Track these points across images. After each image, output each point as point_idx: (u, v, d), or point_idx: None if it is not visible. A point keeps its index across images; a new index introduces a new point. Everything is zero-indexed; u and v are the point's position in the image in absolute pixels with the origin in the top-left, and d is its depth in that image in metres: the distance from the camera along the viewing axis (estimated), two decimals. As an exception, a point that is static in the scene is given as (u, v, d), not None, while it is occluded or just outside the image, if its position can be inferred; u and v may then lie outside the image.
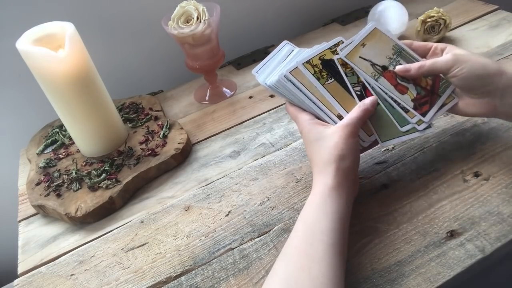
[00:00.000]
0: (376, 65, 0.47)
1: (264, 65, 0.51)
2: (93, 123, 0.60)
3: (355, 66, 0.47)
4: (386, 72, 0.47)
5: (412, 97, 0.47)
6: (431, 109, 0.47)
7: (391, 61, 0.48)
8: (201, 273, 0.46)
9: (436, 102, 0.47)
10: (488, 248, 0.42)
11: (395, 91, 0.47)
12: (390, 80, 0.47)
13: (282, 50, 0.52)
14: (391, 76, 0.47)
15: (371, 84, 0.47)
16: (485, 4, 0.84)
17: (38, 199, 0.57)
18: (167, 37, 0.67)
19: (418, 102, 0.47)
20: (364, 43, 0.48)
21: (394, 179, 0.52)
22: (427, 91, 0.47)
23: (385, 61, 0.48)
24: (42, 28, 0.55)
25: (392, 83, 0.47)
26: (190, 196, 0.56)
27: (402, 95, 0.47)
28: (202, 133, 0.68)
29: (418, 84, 0.47)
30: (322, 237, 0.39)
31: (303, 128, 0.46)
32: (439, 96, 0.47)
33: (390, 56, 0.48)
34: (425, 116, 0.46)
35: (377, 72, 0.47)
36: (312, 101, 0.46)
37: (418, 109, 0.46)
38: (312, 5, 0.94)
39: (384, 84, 0.47)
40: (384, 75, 0.47)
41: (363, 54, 0.48)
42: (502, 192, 0.47)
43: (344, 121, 0.44)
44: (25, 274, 0.51)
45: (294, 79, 0.46)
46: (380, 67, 0.47)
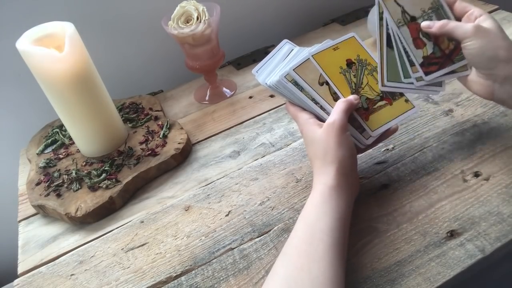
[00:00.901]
0: (407, 13, 0.47)
1: (264, 64, 0.51)
2: (93, 123, 0.60)
3: (384, 7, 0.46)
4: (412, 23, 0.47)
5: (425, 54, 0.47)
6: (437, 71, 0.47)
7: (423, 15, 0.47)
8: (201, 273, 0.46)
9: (446, 66, 0.47)
10: (488, 248, 0.42)
11: (411, 44, 0.46)
12: (412, 32, 0.47)
13: (282, 49, 0.52)
14: (415, 29, 0.47)
15: (392, 29, 0.47)
16: (485, 4, 0.84)
17: (38, 199, 0.57)
18: (167, 37, 0.67)
19: (429, 60, 0.47)
20: None
21: (394, 179, 0.52)
22: (444, 54, 0.47)
23: (417, 12, 0.47)
24: (42, 28, 0.55)
25: (412, 35, 0.47)
26: (190, 196, 0.56)
27: (416, 49, 0.47)
28: (202, 133, 0.68)
29: (438, 44, 0.47)
30: (322, 236, 0.39)
31: (303, 128, 0.46)
32: (453, 62, 0.47)
33: (425, 9, 0.47)
34: (427, 75, 0.46)
35: (403, 20, 0.47)
36: (312, 100, 0.46)
37: (424, 67, 0.46)
38: (312, 5, 0.94)
39: (404, 33, 0.46)
40: (409, 25, 0.47)
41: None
42: (502, 192, 0.47)
43: (329, 119, 0.44)
44: (25, 274, 0.51)
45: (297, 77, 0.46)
46: (410, 16, 0.47)
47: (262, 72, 0.50)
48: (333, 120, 0.43)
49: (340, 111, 0.44)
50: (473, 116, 0.58)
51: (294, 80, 0.46)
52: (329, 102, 0.46)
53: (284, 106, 0.69)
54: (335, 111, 0.44)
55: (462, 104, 0.61)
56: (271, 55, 0.51)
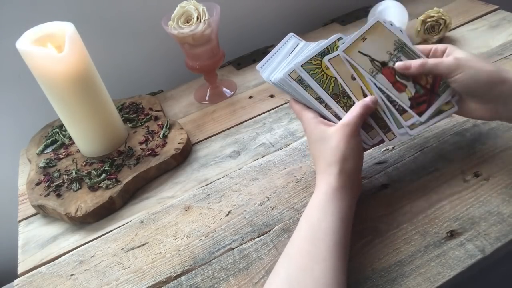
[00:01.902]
0: (376, 61, 0.46)
1: (269, 60, 0.50)
2: (93, 123, 0.60)
3: (353, 61, 0.46)
4: (385, 68, 0.46)
5: (410, 96, 0.46)
6: (428, 108, 0.46)
7: (391, 57, 0.46)
8: (201, 273, 0.46)
9: (434, 101, 0.46)
10: (488, 248, 0.42)
11: (393, 89, 0.45)
12: (389, 77, 0.46)
13: (288, 43, 0.51)
14: (390, 73, 0.46)
15: (368, 82, 0.46)
16: (485, 4, 0.84)
17: (38, 199, 0.57)
18: (167, 37, 0.67)
19: (416, 101, 0.46)
20: (365, 37, 0.46)
21: (394, 179, 0.52)
22: (426, 90, 0.46)
23: (385, 56, 0.46)
24: (42, 28, 0.55)
25: (390, 80, 0.46)
26: (190, 196, 0.56)
27: (399, 93, 0.46)
28: (202, 133, 0.68)
29: (417, 82, 0.46)
30: (325, 237, 0.39)
31: (307, 127, 0.46)
32: (438, 95, 0.46)
33: (391, 51, 0.47)
34: (421, 115, 0.45)
35: (375, 69, 0.46)
36: (316, 99, 0.45)
37: (415, 108, 0.45)
38: (312, 5, 0.94)
39: (381, 81, 0.45)
40: (382, 71, 0.46)
41: (363, 48, 0.46)
42: (502, 192, 0.47)
43: (343, 120, 0.44)
44: (25, 274, 0.51)
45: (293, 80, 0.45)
46: (380, 63, 0.46)
47: (266, 68, 0.49)
48: (348, 122, 0.43)
49: (358, 115, 0.43)
50: (473, 116, 0.58)
51: (299, 77, 0.45)
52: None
53: (284, 106, 0.69)
54: (353, 113, 0.44)
55: (462, 104, 0.60)
56: (276, 49, 0.50)
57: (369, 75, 0.46)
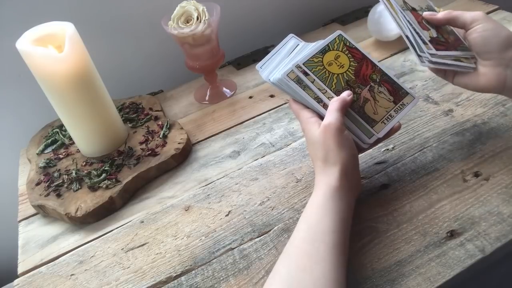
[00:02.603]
0: (407, 3, 0.49)
1: (268, 60, 0.50)
2: (93, 123, 0.60)
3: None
4: (414, 12, 0.48)
5: (431, 35, 0.47)
6: (445, 51, 0.47)
7: (421, 9, 0.49)
8: (201, 273, 0.46)
9: (452, 50, 0.47)
10: (488, 248, 0.42)
11: (418, 25, 0.47)
12: (416, 17, 0.48)
13: (287, 44, 0.51)
14: (418, 16, 0.48)
15: (397, 13, 0.47)
16: (485, 4, 0.84)
17: (38, 199, 0.57)
18: (167, 37, 0.67)
19: (436, 41, 0.47)
20: None
21: (394, 179, 0.52)
22: (447, 41, 0.48)
23: (416, 6, 0.49)
24: (42, 28, 0.55)
25: (417, 19, 0.48)
26: (190, 196, 0.56)
27: (422, 30, 0.47)
28: (202, 133, 0.68)
29: (440, 33, 0.48)
30: (324, 237, 0.39)
31: (304, 126, 0.46)
32: (457, 50, 0.47)
33: (422, 7, 0.49)
34: (438, 51, 0.46)
35: (406, 7, 0.48)
36: (315, 99, 0.46)
37: (433, 44, 0.46)
38: (312, 5, 0.94)
39: (409, 17, 0.47)
40: (411, 12, 0.48)
41: None
42: (502, 192, 0.47)
43: (324, 121, 0.43)
44: (25, 274, 0.51)
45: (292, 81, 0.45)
46: (411, 6, 0.49)
47: (266, 68, 0.50)
48: (328, 122, 0.42)
49: (334, 110, 0.43)
50: (473, 116, 0.58)
51: (298, 76, 0.45)
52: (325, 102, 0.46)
53: (284, 106, 0.69)
54: (329, 111, 0.43)
55: (462, 104, 0.61)
56: (276, 50, 0.51)
57: (400, 8, 0.47)
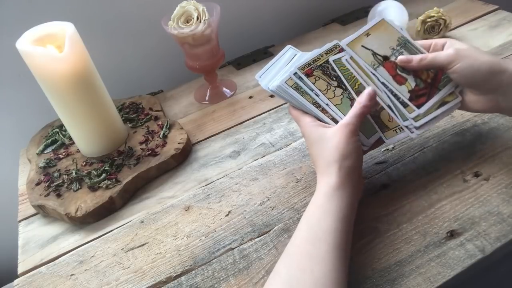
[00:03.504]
0: (378, 55, 0.47)
1: (267, 70, 0.51)
2: (93, 123, 0.60)
3: (355, 54, 0.46)
4: (387, 62, 0.47)
5: (409, 88, 0.46)
6: (428, 101, 0.46)
7: (393, 52, 0.47)
8: (201, 273, 0.46)
9: (434, 95, 0.46)
10: (488, 248, 0.42)
11: (393, 82, 0.46)
12: (389, 70, 0.47)
13: (285, 54, 0.52)
14: (391, 67, 0.47)
15: (368, 75, 0.46)
16: (485, 4, 0.84)
17: (38, 199, 0.57)
18: (167, 37, 0.67)
19: (415, 93, 0.46)
20: (369, 33, 0.48)
21: (394, 179, 0.52)
22: (427, 84, 0.47)
23: (387, 51, 0.47)
24: (42, 28, 0.55)
25: (391, 73, 0.46)
26: (190, 196, 0.56)
27: (399, 86, 0.46)
28: (202, 133, 0.68)
29: (418, 76, 0.47)
30: (326, 237, 0.39)
31: (305, 130, 0.46)
32: (439, 89, 0.47)
33: (393, 47, 0.48)
34: (420, 108, 0.46)
35: (377, 62, 0.47)
36: (313, 104, 0.46)
37: (414, 101, 0.46)
38: (312, 5, 0.94)
39: (382, 74, 0.46)
40: (384, 65, 0.47)
41: (366, 43, 0.47)
42: (502, 192, 0.47)
43: (344, 120, 0.44)
44: (25, 274, 0.51)
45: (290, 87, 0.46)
46: (382, 56, 0.47)
47: (265, 77, 0.51)
48: (347, 123, 0.43)
49: (357, 115, 0.44)
50: (473, 116, 0.58)
51: (296, 83, 0.46)
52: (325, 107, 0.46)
53: (284, 106, 0.69)
54: (352, 113, 0.44)
55: (462, 104, 0.60)
56: (274, 60, 0.52)
57: (371, 67, 0.46)
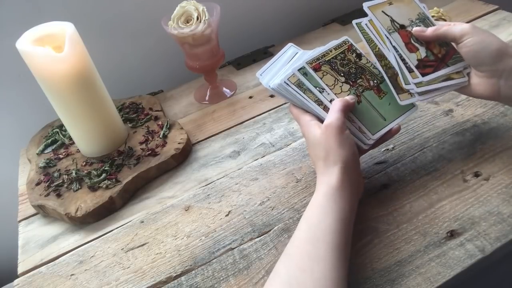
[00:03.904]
0: (395, 22, 0.48)
1: (268, 68, 0.51)
2: (93, 123, 0.60)
3: (374, 17, 0.48)
4: (402, 30, 0.48)
5: (419, 57, 0.47)
6: (434, 72, 0.47)
7: (411, 24, 0.49)
8: (201, 273, 0.46)
9: (441, 69, 0.47)
10: (488, 248, 0.42)
11: (404, 48, 0.47)
12: (403, 38, 0.48)
13: (287, 52, 0.52)
14: (406, 35, 0.48)
15: (382, 37, 0.48)
16: (485, 4, 0.84)
17: (38, 199, 0.57)
18: (167, 37, 0.67)
19: (423, 63, 0.47)
20: (391, 2, 0.49)
21: (394, 179, 0.52)
22: (437, 58, 0.47)
23: (406, 22, 0.49)
24: (42, 28, 0.55)
25: (404, 40, 0.48)
26: (190, 196, 0.56)
27: (409, 53, 0.47)
28: (202, 133, 0.68)
29: (430, 49, 0.48)
30: (325, 237, 0.39)
31: (304, 129, 0.47)
32: (447, 65, 0.47)
33: (412, 19, 0.49)
34: (424, 76, 0.46)
35: (393, 28, 0.48)
36: (312, 104, 0.46)
37: (420, 69, 0.47)
38: (312, 5, 0.94)
39: (395, 39, 0.47)
40: (399, 32, 0.48)
41: (387, 10, 0.49)
42: (502, 192, 0.47)
43: (326, 120, 0.44)
44: (25, 274, 0.51)
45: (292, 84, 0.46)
46: (399, 25, 0.48)
47: (266, 75, 0.51)
48: (330, 121, 0.43)
49: (337, 110, 0.44)
50: (473, 116, 0.58)
51: (298, 81, 0.46)
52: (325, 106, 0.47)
53: (284, 106, 0.69)
54: (332, 111, 0.44)
55: (462, 104, 0.61)
56: (275, 58, 0.52)
57: (386, 31, 0.48)
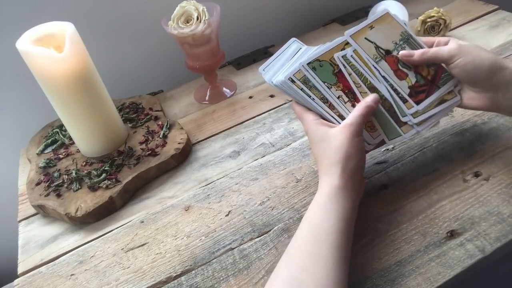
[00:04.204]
0: (380, 48, 0.47)
1: (271, 63, 0.50)
2: (93, 123, 0.60)
3: (358, 46, 0.47)
4: (389, 56, 0.47)
5: (409, 84, 0.46)
6: (427, 98, 0.46)
7: (396, 46, 0.48)
8: (201, 273, 0.46)
9: (433, 92, 0.47)
10: (488, 248, 0.42)
11: (394, 76, 0.46)
12: (391, 65, 0.47)
13: (290, 47, 0.51)
14: (393, 61, 0.47)
15: (370, 68, 0.46)
16: (485, 4, 0.84)
17: (38, 199, 0.57)
18: (167, 37, 0.67)
19: (415, 90, 0.46)
20: (372, 26, 0.48)
21: (394, 179, 0.52)
22: (427, 81, 0.47)
23: (390, 45, 0.48)
24: (42, 28, 0.55)
25: (392, 67, 0.47)
26: (190, 196, 0.56)
27: (399, 81, 0.46)
28: (202, 133, 0.68)
29: (419, 73, 0.47)
30: (327, 237, 0.39)
31: (308, 128, 0.46)
32: (438, 87, 0.47)
33: (396, 41, 0.48)
34: (419, 104, 0.46)
35: (379, 55, 0.47)
36: (316, 102, 0.46)
37: (413, 97, 0.46)
38: (312, 5, 0.94)
39: (383, 68, 0.46)
40: (386, 59, 0.47)
41: (369, 35, 0.47)
42: (502, 192, 0.47)
43: (347, 120, 0.44)
44: (25, 274, 0.51)
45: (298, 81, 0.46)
46: (384, 50, 0.47)
47: (268, 71, 0.50)
48: (351, 122, 0.43)
49: (361, 115, 0.44)
50: (473, 116, 0.58)
51: (304, 77, 0.46)
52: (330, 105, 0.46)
53: (284, 106, 0.69)
54: (356, 114, 0.44)
55: (462, 104, 0.60)
56: (278, 53, 0.51)
57: (373, 61, 0.47)
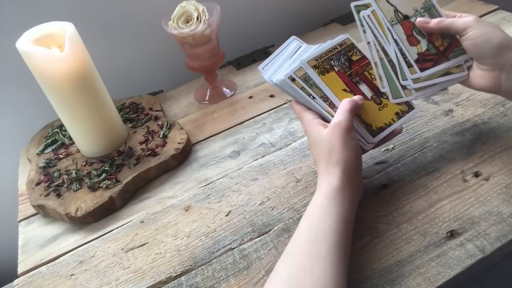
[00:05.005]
0: (399, 12, 0.47)
1: (271, 61, 0.50)
2: (93, 123, 0.60)
3: (378, 7, 0.47)
4: (405, 21, 0.47)
5: (419, 51, 0.47)
6: (432, 67, 0.47)
7: (415, 13, 0.48)
8: (201, 273, 0.46)
9: (441, 63, 0.47)
10: (488, 248, 0.42)
11: (405, 41, 0.47)
12: (406, 30, 0.47)
13: (290, 46, 0.51)
14: (408, 27, 0.47)
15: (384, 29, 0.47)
16: (485, 4, 0.84)
17: (38, 199, 0.57)
18: (167, 37, 0.67)
19: (423, 57, 0.47)
20: None
21: (394, 179, 0.52)
22: (438, 51, 0.47)
23: (410, 11, 0.48)
24: (42, 28, 0.55)
25: (406, 33, 0.47)
26: (190, 196, 0.56)
27: (410, 47, 0.47)
28: (202, 133, 0.68)
29: (432, 42, 0.47)
30: (326, 238, 0.39)
31: (307, 127, 0.46)
32: (448, 59, 0.47)
33: (417, 8, 0.48)
34: (423, 71, 0.46)
35: (396, 19, 0.47)
36: (317, 100, 0.46)
37: (419, 63, 0.46)
38: (312, 5, 0.94)
39: (397, 31, 0.47)
40: (402, 23, 0.47)
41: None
42: (502, 192, 0.47)
43: (335, 119, 0.44)
44: (25, 274, 0.51)
45: (299, 79, 0.46)
46: (402, 15, 0.47)
47: (268, 69, 0.50)
48: (338, 120, 0.43)
49: (346, 111, 0.44)
50: (473, 116, 0.58)
51: (304, 75, 0.46)
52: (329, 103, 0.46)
53: (284, 106, 0.69)
54: (341, 111, 0.44)
55: (462, 104, 0.61)
56: (278, 51, 0.51)
57: (389, 23, 0.47)
